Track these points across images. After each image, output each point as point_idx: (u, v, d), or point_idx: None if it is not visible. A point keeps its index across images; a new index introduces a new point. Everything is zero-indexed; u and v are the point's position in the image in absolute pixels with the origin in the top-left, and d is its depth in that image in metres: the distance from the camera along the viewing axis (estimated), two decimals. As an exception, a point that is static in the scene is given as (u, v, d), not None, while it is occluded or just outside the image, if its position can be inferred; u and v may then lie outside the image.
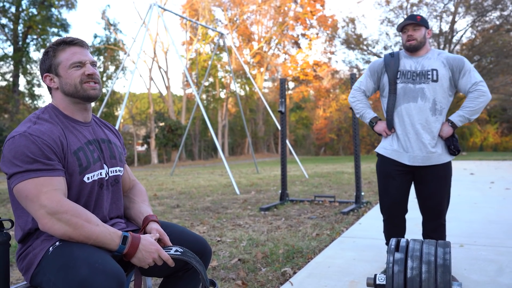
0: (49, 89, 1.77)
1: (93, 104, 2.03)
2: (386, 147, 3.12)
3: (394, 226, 3.20)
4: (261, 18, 44.68)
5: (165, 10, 12.17)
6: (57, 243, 1.56)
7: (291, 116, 50.23)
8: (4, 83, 33.38)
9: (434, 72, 2.93)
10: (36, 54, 34.45)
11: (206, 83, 40.86)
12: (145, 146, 40.20)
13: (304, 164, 22.34)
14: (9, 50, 32.88)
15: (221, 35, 14.47)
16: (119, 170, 1.85)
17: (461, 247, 3.92)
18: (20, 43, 32.95)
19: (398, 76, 3.02)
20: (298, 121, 51.64)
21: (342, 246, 4.07)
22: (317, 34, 45.02)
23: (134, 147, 40.66)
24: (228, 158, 39.04)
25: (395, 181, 3.08)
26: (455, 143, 2.98)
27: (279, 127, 7.42)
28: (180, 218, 5.88)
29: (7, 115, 31.54)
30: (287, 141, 13.96)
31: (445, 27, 32.42)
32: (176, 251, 1.66)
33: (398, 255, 2.18)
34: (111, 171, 1.80)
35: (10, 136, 1.59)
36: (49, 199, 1.51)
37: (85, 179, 1.67)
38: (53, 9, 33.24)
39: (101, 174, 1.74)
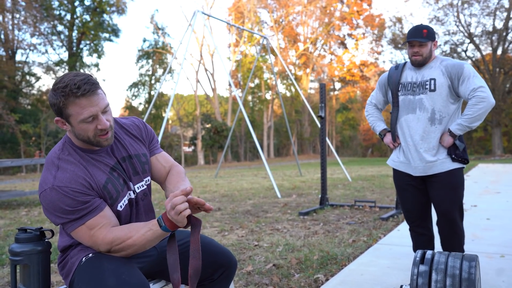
0: None
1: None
2: (394, 159, 3.23)
3: (418, 236, 3.26)
4: (306, 19, 44.60)
5: (209, 16, 12.42)
6: (90, 255, 1.69)
7: (338, 117, 49.73)
8: (59, 87, 35.04)
9: (432, 82, 2.96)
10: (89, 59, 36.00)
11: (252, 85, 41.20)
12: (192, 147, 41.02)
13: (349, 166, 22.13)
14: (64, 55, 34.52)
15: (264, 39, 14.60)
16: (145, 184, 1.90)
17: (502, 257, 3.83)
18: (74, 48, 34.53)
19: (399, 89, 3.11)
20: (345, 122, 51.09)
21: (377, 254, 4.07)
22: (363, 34, 44.51)
23: (181, 148, 41.53)
24: (274, 160, 39.19)
25: (407, 192, 3.18)
26: (457, 151, 2.98)
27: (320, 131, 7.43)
28: (220, 221, 6.03)
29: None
30: (330, 144, 13.90)
31: (499, 25, 31.17)
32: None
33: (422, 268, 2.20)
34: (137, 187, 1.84)
35: (41, 188, 1.62)
36: (97, 241, 1.64)
37: (119, 208, 1.75)
38: (104, 15, 34.62)
39: (130, 195, 1.81)
